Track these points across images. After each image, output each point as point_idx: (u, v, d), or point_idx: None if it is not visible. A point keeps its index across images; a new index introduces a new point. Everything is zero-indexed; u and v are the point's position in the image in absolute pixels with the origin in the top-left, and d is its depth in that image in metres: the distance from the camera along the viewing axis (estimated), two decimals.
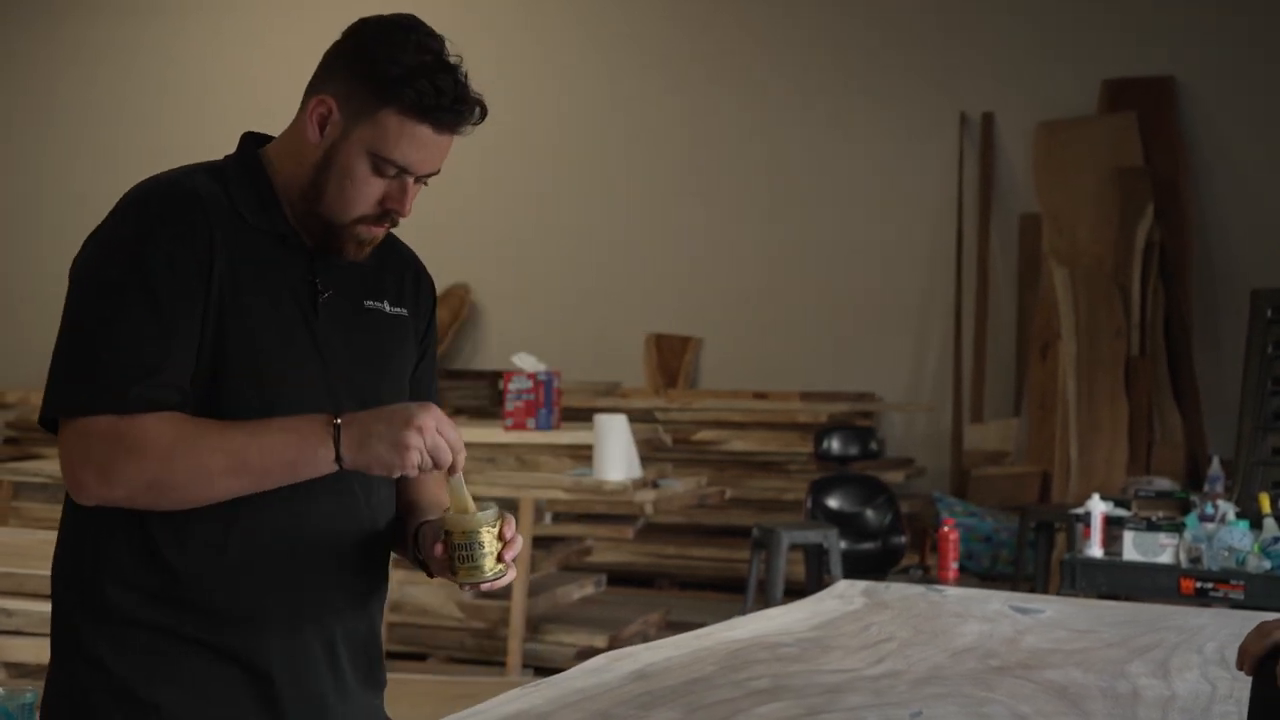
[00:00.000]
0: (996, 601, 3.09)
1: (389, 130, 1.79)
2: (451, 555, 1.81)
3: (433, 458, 1.74)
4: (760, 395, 8.95)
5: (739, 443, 8.60)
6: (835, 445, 6.68)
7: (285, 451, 1.73)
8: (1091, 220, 8.54)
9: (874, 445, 6.74)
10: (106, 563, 1.80)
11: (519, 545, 1.85)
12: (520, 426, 6.35)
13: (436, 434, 1.74)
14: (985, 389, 9.10)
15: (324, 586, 1.87)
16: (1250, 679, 1.50)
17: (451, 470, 1.78)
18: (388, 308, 1.96)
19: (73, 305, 1.78)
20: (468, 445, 1.84)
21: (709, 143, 9.77)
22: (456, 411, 8.41)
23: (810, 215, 9.49)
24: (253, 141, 1.93)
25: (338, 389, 1.86)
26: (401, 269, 2.02)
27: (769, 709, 2.06)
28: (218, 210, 1.81)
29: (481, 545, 1.80)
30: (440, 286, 10.08)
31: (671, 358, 9.74)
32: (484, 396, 8.39)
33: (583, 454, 6.36)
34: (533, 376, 6.32)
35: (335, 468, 1.74)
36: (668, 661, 2.38)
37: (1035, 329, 8.75)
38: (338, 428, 1.74)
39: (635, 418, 7.94)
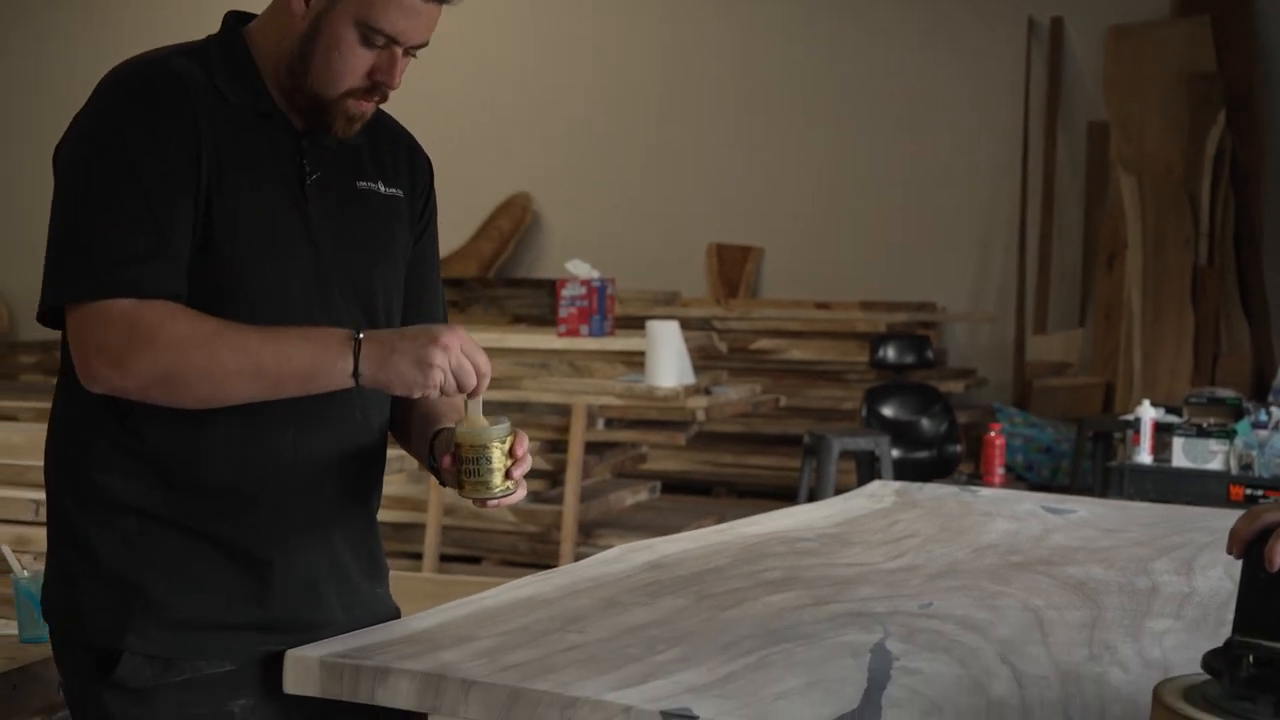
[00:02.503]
0: (1029, 502, 3.07)
1: None
2: (460, 469, 1.79)
3: (456, 379, 1.72)
4: (822, 305, 8.90)
5: (797, 352, 8.56)
6: (891, 354, 6.64)
7: (302, 359, 1.71)
8: (1161, 127, 8.37)
9: (930, 354, 6.68)
10: (94, 449, 1.79)
11: (528, 464, 1.82)
12: (573, 333, 6.35)
13: (461, 355, 1.72)
14: (1049, 299, 8.99)
15: (317, 487, 1.85)
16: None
17: (473, 394, 1.76)
18: (382, 188, 1.92)
19: (63, 194, 1.75)
20: (522, 352, 1.81)
21: (771, 51, 9.65)
22: (515, 320, 8.44)
23: (873, 124, 9.37)
24: (235, 21, 1.88)
25: (328, 274, 1.83)
26: (395, 147, 1.97)
27: (776, 599, 2.06)
28: (199, 90, 1.77)
29: (490, 461, 1.77)
30: (502, 195, 10.04)
31: (733, 267, 9.70)
32: (543, 305, 8.40)
33: (636, 360, 6.36)
34: (586, 283, 6.31)
35: (351, 383, 1.71)
36: (683, 553, 2.38)
37: (1101, 238, 8.62)
38: (359, 342, 1.71)
39: (694, 326, 7.93)
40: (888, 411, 6.55)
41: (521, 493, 1.83)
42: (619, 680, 1.62)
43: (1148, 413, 4.64)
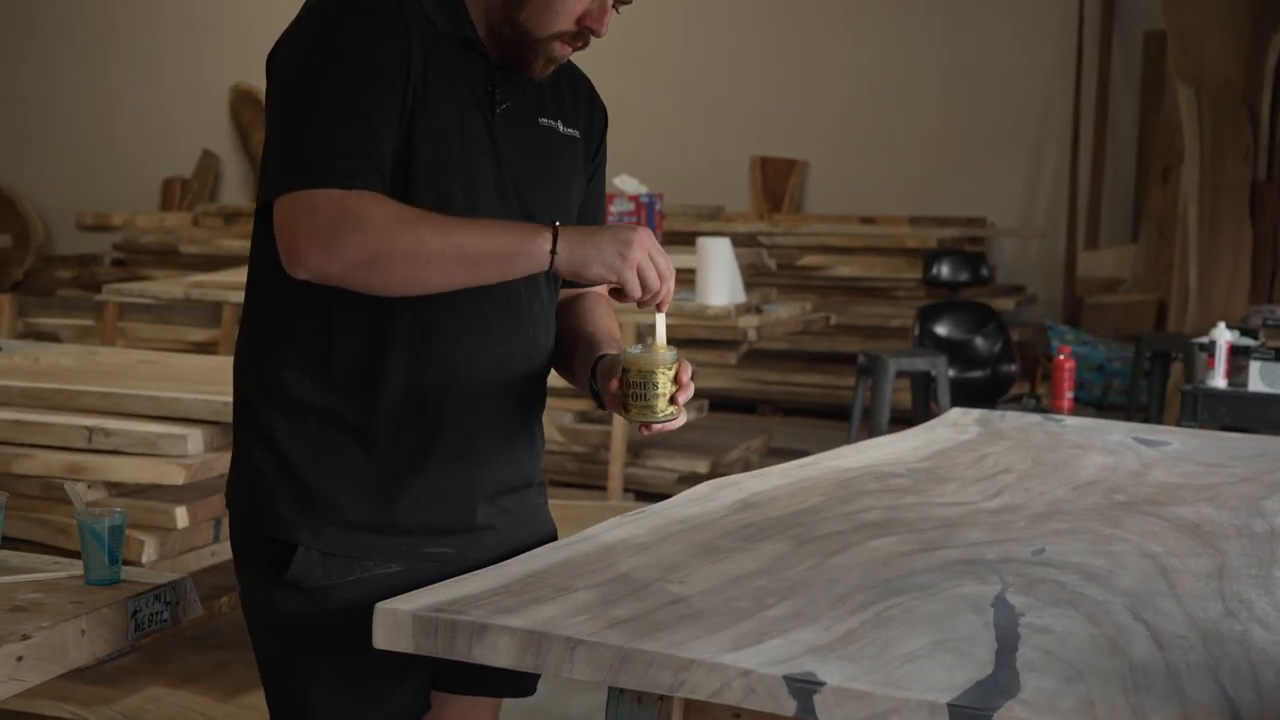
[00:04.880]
0: (1118, 433, 2.95)
1: None
2: (625, 393, 1.84)
3: (644, 276, 1.79)
4: (867, 220, 8.75)
5: (845, 268, 8.43)
6: (945, 271, 6.50)
7: (502, 240, 1.76)
8: (1220, 37, 8.12)
9: (984, 271, 6.54)
10: (284, 349, 1.87)
11: (691, 390, 1.87)
12: None
13: (654, 252, 1.80)
14: (1101, 214, 8.81)
15: (485, 400, 1.91)
16: None
17: (661, 304, 1.83)
18: (561, 127, 1.98)
19: (279, 97, 1.81)
20: None
21: None
22: None
23: (922, 32, 9.15)
24: None
25: (511, 201, 1.89)
26: (575, 91, 2.03)
27: (882, 543, 1.96)
28: (412, 10, 1.83)
29: (656, 386, 1.82)
30: None
31: (776, 181, 9.53)
32: None
33: (685, 278, 6.23)
34: (635, 199, 6.18)
35: (549, 260, 1.76)
36: (774, 491, 2.28)
37: (1156, 152, 8.41)
38: (556, 226, 1.77)
39: (739, 242, 7.80)
40: (941, 330, 6.42)
41: (682, 418, 1.88)
42: (732, 639, 1.53)
43: (1223, 335, 4.49)
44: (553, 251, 1.76)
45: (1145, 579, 1.84)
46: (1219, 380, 4.46)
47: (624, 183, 6.22)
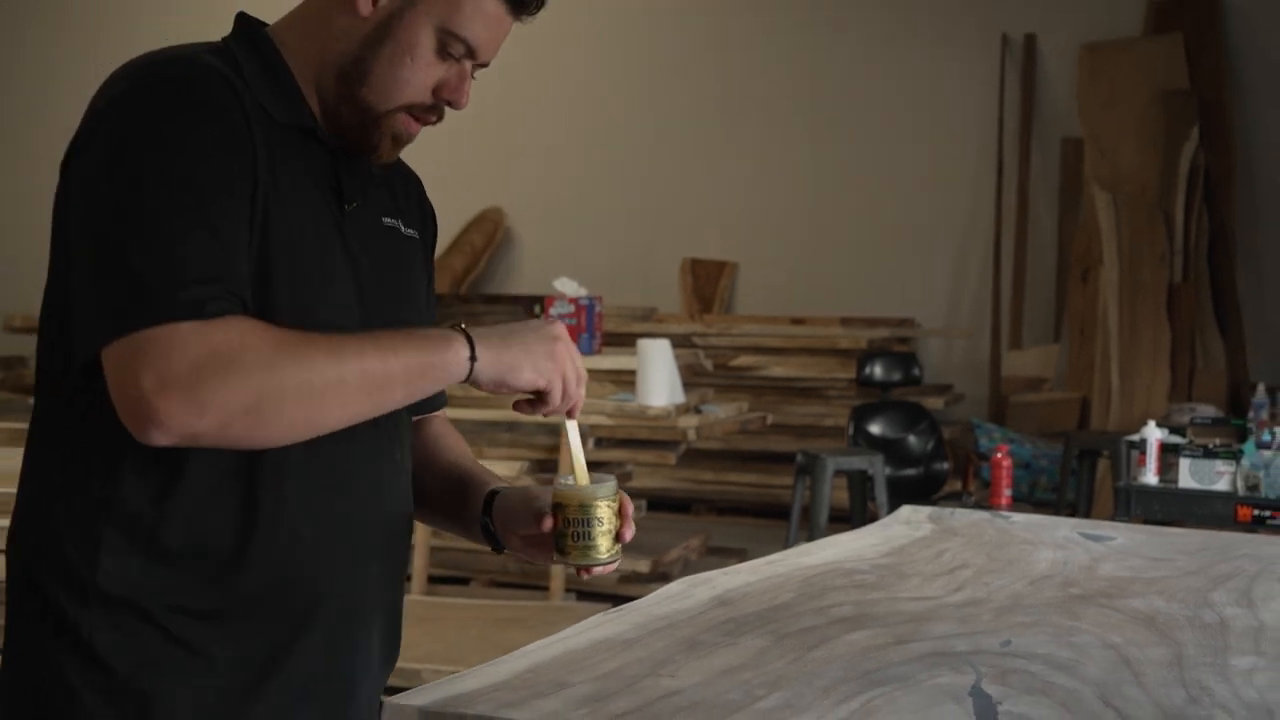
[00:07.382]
0: (1064, 528, 3.06)
1: (465, 2, 1.57)
2: (564, 532, 1.65)
3: (566, 381, 1.60)
4: (798, 320, 8.91)
5: (778, 368, 8.56)
6: (878, 371, 6.65)
7: (410, 353, 1.48)
8: (1135, 144, 8.44)
9: (916, 371, 6.70)
10: (97, 530, 1.49)
11: (633, 526, 1.71)
12: None
13: (572, 357, 1.61)
14: (1024, 315, 9.04)
15: (365, 567, 1.66)
16: None
17: (572, 412, 1.64)
18: (403, 228, 1.74)
19: (94, 217, 1.44)
20: None
21: (745, 63, 9.67)
22: None
23: (849, 138, 9.40)
24: (250, 23, 1.64)
25: (370, 319, 1.61)
26: (407, 188, 1.80)
27: (857, 637, 2.04)
28: (247, 99, 1.52)
29: (602, 522, 1.64)
30: (474, 210, 10.02)
31: (707, 283, 9.69)
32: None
33: (624, 379, 6.33)
34: (574, 301, 6.28)
35: (467, 369, 1.51)
36: (747, 587, 2.35)
37: (1076, 254, 8.68)
38: (465, 330, 1.54)
39: (674, 343, 7.92)
40: (875, 429, 6.55)
41: (620, 559, 1.72)
42: None
43: (1153, 433, 4.65)
44: (472, 359, 1.52)
45: (1110, 668, 1.92)
46: (1150, 477, 4.62)
47: (564, 285, 6.32)
